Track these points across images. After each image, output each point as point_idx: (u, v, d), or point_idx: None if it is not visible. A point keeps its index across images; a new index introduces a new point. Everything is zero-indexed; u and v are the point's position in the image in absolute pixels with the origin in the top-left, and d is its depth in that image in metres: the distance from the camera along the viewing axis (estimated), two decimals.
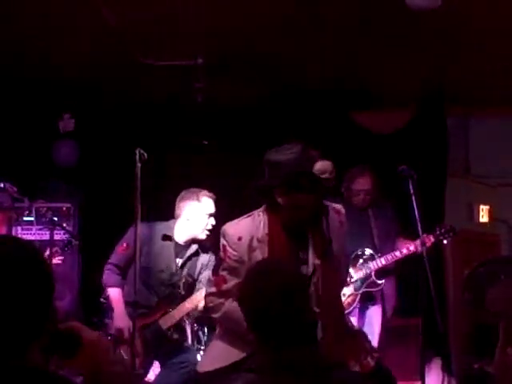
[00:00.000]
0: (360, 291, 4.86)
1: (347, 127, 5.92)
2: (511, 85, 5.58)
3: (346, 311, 4.51)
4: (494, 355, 1.38)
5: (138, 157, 4.01)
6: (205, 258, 4.37)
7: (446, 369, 4.28)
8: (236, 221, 2.99)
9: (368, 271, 4.84)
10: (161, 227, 4.34)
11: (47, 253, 4.47)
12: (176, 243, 4.31)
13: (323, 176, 2.80)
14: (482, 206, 6.02)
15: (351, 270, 4.84)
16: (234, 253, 2.90)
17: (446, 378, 4.31)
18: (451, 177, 6.13)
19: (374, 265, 4.85)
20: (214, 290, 2.98)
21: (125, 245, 4.28)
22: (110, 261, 4.35)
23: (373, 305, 4.99)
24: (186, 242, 4.34)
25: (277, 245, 2.87)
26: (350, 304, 4.84)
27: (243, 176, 5.80)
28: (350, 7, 4.21)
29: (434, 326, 3.94)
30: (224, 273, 2.95)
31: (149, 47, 4.93)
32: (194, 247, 4.35)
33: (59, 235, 5.00)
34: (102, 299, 4.66)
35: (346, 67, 5.19)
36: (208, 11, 4.31)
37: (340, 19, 4.38)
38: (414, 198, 3.89)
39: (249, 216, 2.97)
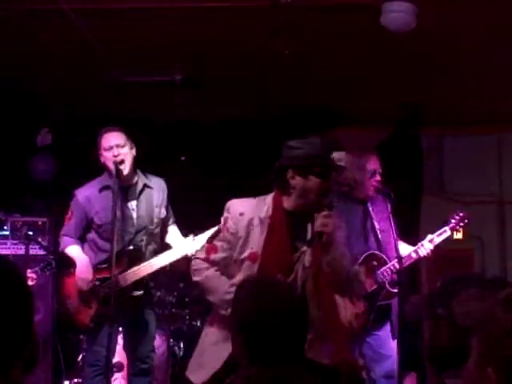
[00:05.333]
0: (375, 308, 4.07)
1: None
2: (483, 105, 5.70)
3: (357, 337, 4.01)
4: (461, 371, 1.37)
5: (115, 172, 3.99)
6: (158, 196, 4.18)
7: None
8: (242, 199, 3.08)
9: (382, 279, 4.10)
10: (96, 183, 4.21)
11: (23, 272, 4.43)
12: (118, 188, 3.92)
13: (338, 163, 3.04)
14: None
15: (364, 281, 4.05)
16: (233, 226, 2.98)
17: None
18: (426, 194, 6.21)
19: (387, 271, 4.10)
20: (202, 255, 3.06)
21: (70, 213, 4.21)
22: (61, 232, 4.27)
23: (382, 325, 4.16)
24: (123, 181, 4.03)
25: (277, 229, 2.94)
26: (361, 327, 3.99)
27: (219, 191, 5.83)
28: (327, 29, 4.27)
29: (410, 342, 3.98)
30: (218, 243, 3.02)
31: (127, 63, 4.94)
32: (141, 184, 4.13)
33: (34, 250, 4.96)
34: None
35: (323, 87, 5.24)
36: (186, 29, 4.33)
37: (317, 41, 4.44)
38: (391, 216, 3.93)
39: (255, 198, 3.06)
